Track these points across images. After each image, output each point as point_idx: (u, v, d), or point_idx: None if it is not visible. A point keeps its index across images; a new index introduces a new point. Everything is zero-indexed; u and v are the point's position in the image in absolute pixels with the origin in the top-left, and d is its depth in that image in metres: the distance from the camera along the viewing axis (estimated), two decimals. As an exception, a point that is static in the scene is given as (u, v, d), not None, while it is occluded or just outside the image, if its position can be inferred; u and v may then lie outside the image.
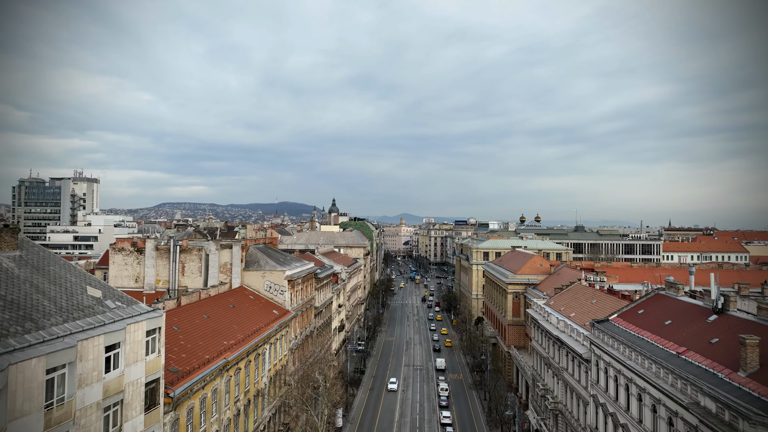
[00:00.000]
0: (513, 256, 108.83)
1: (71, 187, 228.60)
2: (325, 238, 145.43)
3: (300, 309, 67.72)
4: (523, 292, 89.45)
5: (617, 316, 45.86)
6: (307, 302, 71.82)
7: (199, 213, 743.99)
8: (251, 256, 64.55)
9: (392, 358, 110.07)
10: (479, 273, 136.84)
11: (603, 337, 43.94)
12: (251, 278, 62.42)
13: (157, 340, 30.72)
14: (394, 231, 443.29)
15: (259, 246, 68.17)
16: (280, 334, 57.66)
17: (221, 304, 52.33)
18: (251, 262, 63.46)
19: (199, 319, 45.83)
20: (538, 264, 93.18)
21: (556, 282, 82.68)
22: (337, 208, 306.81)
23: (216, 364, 39.04)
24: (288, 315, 60.68)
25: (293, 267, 66.43)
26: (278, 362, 57.10)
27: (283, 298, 61.99)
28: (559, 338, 55.07)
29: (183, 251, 62.65)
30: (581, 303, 61.02)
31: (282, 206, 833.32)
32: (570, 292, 67.82)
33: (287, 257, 71.41)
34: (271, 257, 65.49)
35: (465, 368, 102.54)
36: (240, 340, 45.57)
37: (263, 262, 63.43)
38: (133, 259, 62.80)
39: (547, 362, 61.78)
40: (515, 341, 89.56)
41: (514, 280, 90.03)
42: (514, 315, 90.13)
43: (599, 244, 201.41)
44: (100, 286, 29.97)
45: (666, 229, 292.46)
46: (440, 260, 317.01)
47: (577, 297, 64.19)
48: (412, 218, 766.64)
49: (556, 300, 68.03)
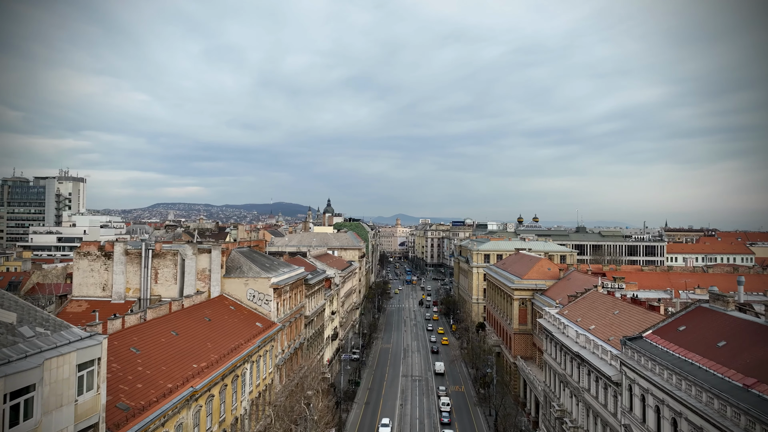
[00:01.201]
0: (517, 259, 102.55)
1: (56, 187, 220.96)
2: (319, 240, 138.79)
3: (288, 319, 61.19)
4: (531, 299, 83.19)
5: (653, 332, 39.52)
6: (296, 311, 65.28)
7: (194, 213, 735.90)
8: (233, 261, 57.95)
9: (389, 367, 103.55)
10: (480, 276, 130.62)
11: (638, 358, 37.60)
12: (232, 286, 55.82)
13: (95, 374, 24.13)
14: (389, 232, 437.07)
15: (242, 250, 61.58)
16: (264, 350, 51.10)
17: (195, 317, 45.73)
18: (233, 268, 56.87)
19: (166, 336, 39.22)
20: (545, 268, 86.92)
21: (566, 288, 76.48)
22: (332, 209, 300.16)
23: (181, 395, 32.44)
24: (273, 327, 54.11)
25: (280, 273, 59.86)
26: (262, 382, 50.52)
27: (268, 309, 55.41)
28: (580, 355, 48.71)
29: (156, 256, 55.99)
30: (601, 314, 54.72)
31: (277, 207, 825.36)
32: (586, 301, 61.52)
33: (274, 262, 64.84)
34: (255, 262, 58.90)
35: (467, 379, 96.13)
36: (214, 362, 38.99)
37: (246, 268, 56.84)
38: (100, 264, 56.06)
39: (563, 380, 55.41)
40: (522, 351, 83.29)
41: (520, 286, 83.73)
42: (521, 323, 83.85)
43: (602, 245, 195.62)
44: (18, 307, 23.37)
45: (665, 230, 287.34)
46: (437, 262, 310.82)
47: (596, 306, 57.90)
48: (407, 219, 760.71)
49: (571, 309, 61.72)
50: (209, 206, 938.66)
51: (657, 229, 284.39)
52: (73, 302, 54.43)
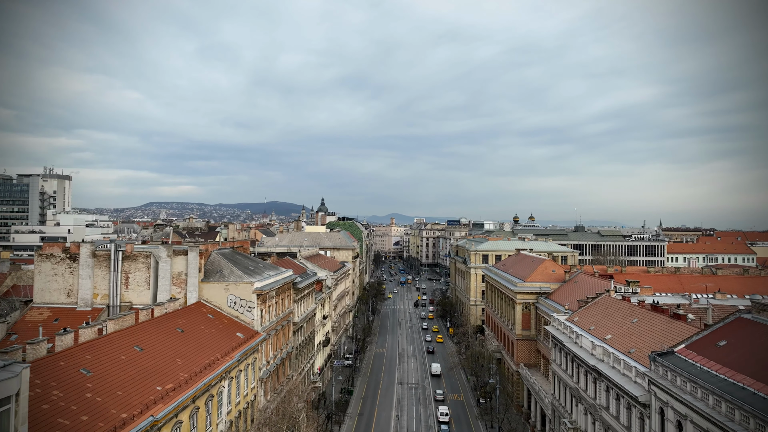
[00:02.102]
0: (518, 260, 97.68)
1: (40, 185, 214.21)
2: (310, 240, 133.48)
3: (274, 327, 55.99)
4: (534, 302, 78.32)
5: (686, 347, 34.63)
6: (283, 318, 60.07)
7: (187, 212, 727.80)
8: (213, 264, 52.69)
9: (384, 374, 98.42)
10: (478, 277, 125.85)
11: (672, 377, 32.70)
12: (212, 292, 50.55)
13: (10, 415, 18.93)
14: (384, 231, 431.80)
15: (224, 251, 56.29)
16: (245, 364, 45.91)
17: (166, 328, 40.44)
18: (212, 272, 51.60)
19: (127, 353, 33.95)
20: (549, 270, 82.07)
21: (573, 292, 71.67)
22: (326, 208, 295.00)
23: (137, 427, 27.24)
24: (257, 338, 48.91)
25: (265, 277, 54.61)
26: (243, 399, 45.32)
27: (250, 316, 50.18)
28: (597, 369, 43.77)
29: (127, 258, 50.66)
30: (617, 322, 49.85)
31: (271, 206, 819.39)
32: (598, 307, 56.66)
33: (259, 265, 59.58)
34: (238, 265, 53.65)
35: (466, 387, 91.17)
36: (183, 382, 33.77)
37: (227, 271, 51.58)
38: (64, 267, 50.67)
39: (575, 394, 50.49)
40: (525, 358, 78.42)
41: (523, 289, 78.83)
42: (524, 328, 78.96)
43: (601, 245, 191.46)
44: None
45: (662, 230, 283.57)
46: (432, 261, 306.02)
47: (610, 313, 53.03)
48: (401, 218, 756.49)
49: (582, 316, 56.85)
50: (203, 205, 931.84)
51: (654, 228, 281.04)
52: (34, 310, 49.06)
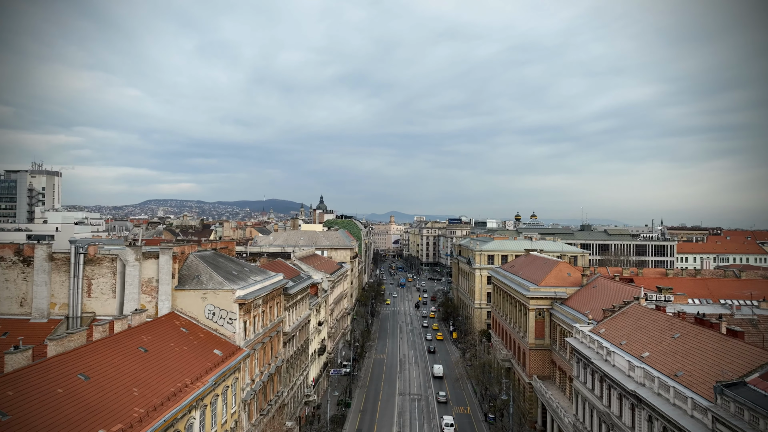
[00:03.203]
0: (529, 261, 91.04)
1: (29, 181, 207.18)
2: (306, 239, 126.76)
3: (260, 340, 49.37)
4: (549, 309, 71.76)
5: (760, 376, 28.05)
6: (272, 328, 53.45)
7: (186, 210, 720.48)
8: (190, 268, 46.02)
9: (384, 383, 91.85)
10: (483, 279, 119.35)
11: (751, 418, 26.10)
12: (187, 301, 43.87)
13: None
14: (383, 229, 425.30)
15: (203, 254, 49.62)
16: (224, 386, 39.27)
17: (125, 348, 33.75)
18: (188, 278, 44.92)
19: (68, 384, 27.25)
20: (564, 273, 75.47)
21: (593, 298, 65.16)
22: (325, 206, 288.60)
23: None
24: (238, 354, 42.29)
25: (250, 283, 47.95)
26: (220, 428, 38.68)
27: (232, 329, 43.53)
28: (637, 395, 37.15)
29: (90, 262, 44.00)
30: (653, 337, 43.26)
31: (270, 204, 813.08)
32: (628, 318, 50.08)
33: (245, 269, 52.88)
34: (219, 270, 46.98)
35: (473, 399, 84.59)
36: (136, 421, 27.11)
37: (206, 277, 44.92)
38: (17, 273, 43.97)
39: (606, 420, 43.88)
40: (538, 369, 71.89)
41: (537, 294, 72.25)
42: (537, 337, 72.41)
43: (608, 244, 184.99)
44: None
45: (667, 229, 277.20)
46: (433, 260, 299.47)
47: (643, 326, 46.44)
48: (401, 216, 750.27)
49: (609, 327, 50.27)
50: (201, 203, 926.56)
51: (658, 227, 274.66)
52: (-19, 322, 42.31)
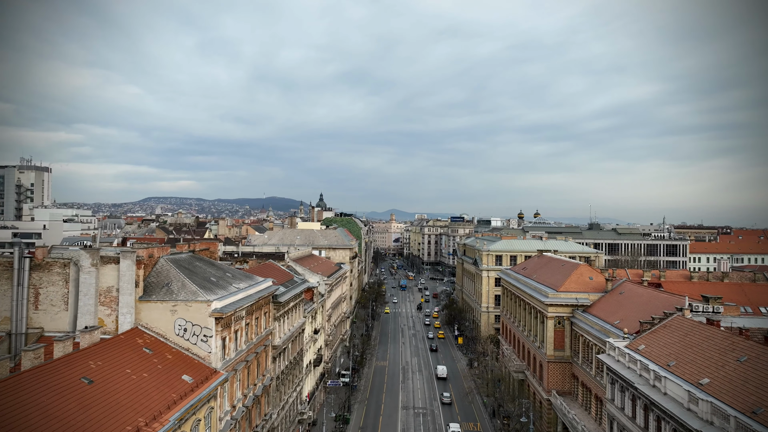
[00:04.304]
0: (543, 263, 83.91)
1: (17, 177, 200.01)
2: (303, 238, 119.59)
3: (244, 358, 42.29)
4: (570, 317, 64.70)
5: None
6: (258, 343, 46.38)
7: (185, 208, 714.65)
8: (160, 274, 38.90)
9: (385, 395, 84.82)
10: (491, 281, 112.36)
11: None
12: (154, 314, 36.76)
13: None
14: (383, 227, 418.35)
15: (178, 257, 42.49)
16: (194, 420, 32.20)
17: (62, 380, 26.61)
18: (156, 287, 37.81)
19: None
20: (586, 277, 68.37)
21: (621, 305, 58.10)
22: (324, 203, 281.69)
23: None
24: (214, 379, 35.22)
25: (231, 292, 40.83)
26: (189, 472, 31.62)
27: (206, 348, 36.43)
28: (703, 435, 30.04)
29: (37, 268, 36.92)
30: (711, 359, 36.16)
31: (269, 201, 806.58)
32: (672, 333, 43.00)
33: (227, 273, 45.74)
34: (194, 276, 39.88)
35: (483, 413, 77.54)
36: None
37: (177, 285, 37.80)
38: (-50, 280, 36.86)
39: (653, 457, 36.78)
40: (558, 384, 64.87)
41: (556, 300, 65.17)
42: (557, 348, 65.35)
43: (618, 244, 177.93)
44: None
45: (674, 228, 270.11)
46: (434, 260, 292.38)
47: (694, 343, 39.36)
48: (401, 214, 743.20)
49: (649, 343, 43.22)
50: (201, 200, 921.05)
51: (665, 226, 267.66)
52: None
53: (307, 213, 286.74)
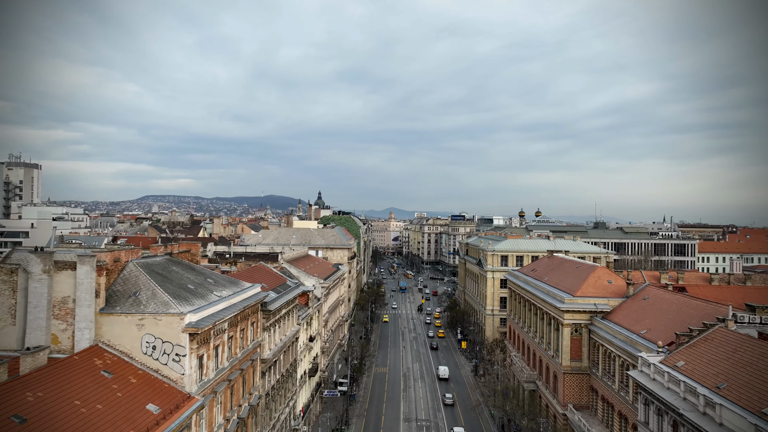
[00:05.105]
0: (554, 265, 78.57)
1: (5, 174, 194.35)
2: (299, 237, 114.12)
3: (226, 377, 36.85)
4: (588, 324, 59.38)
5: None
6: (244, 357, 40.94)
7: (184, 206, 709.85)
8: (128, 282, 33.46)
9: (386, 404, 79.44)
10: (496, 282, 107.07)
11: None
12: (117, 329, 31.34)
13: None
14: (382, 226, 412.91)
15: (152, 261, 37.01)
16: (160, 459, 26.77)
17: (-14, 419, 21.20)
18: (122, 297, 32.37)
19: None
20: (604, 280, 63.03)
21: (646, 312, 52.79)
22: (323, 201, 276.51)
23: None
24: (187, 406, 29.81)
25: (211, 301, 35.39)
26: None
27: (180, 369, 31.03)
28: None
29: (-20, 275, 31.38)
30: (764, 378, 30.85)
31: (268, 200, 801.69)
32: (715, 347, 37.66)
33: (208, 279, 40.25)
34: (169, 283, 34.44)
35: (491, 427, 72.21)
36: None
37: (146, 295, 32.36)
38: None
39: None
40: (575, 397, 59.59)
41: (573, 306, 59.82)
42: (573, 358, 60.06)
43: (625, 243, 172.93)
44: None
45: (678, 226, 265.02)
46: (435, 259, 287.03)
47: (745, 361, 34.01)
48: (400, 213, 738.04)
49: (690, 359, 37.89)
50: (200, 199, 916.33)
51: (667, 225, 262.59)
52: None
53: (305, 211, 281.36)
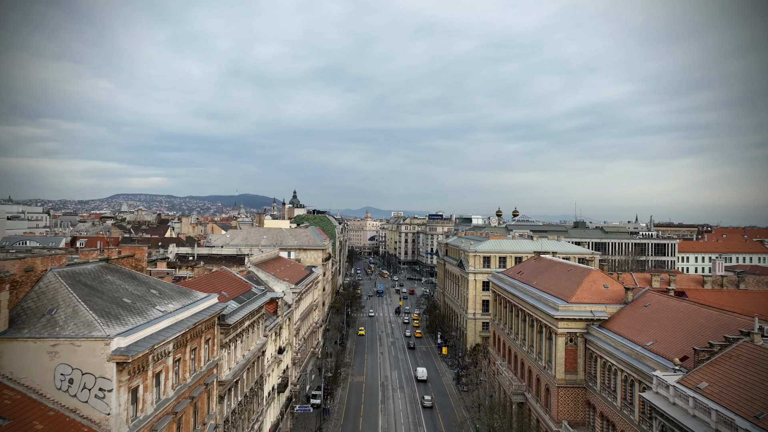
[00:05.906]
0: (543, 267, 73.68)
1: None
2: (270, 238, 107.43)
3: (170, 410, 30.49)
4: (584, 333, 54.45)
5: None
6: (196, 383, 34.60)
7: (155, 205, 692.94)
8: (44, 297, 26.91)
9: (362, 420, 73.62)
10: (478, 285, 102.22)
11: None
12: (23, 358, 24.81)
13: None
14: (358, 225, 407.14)
15: (81, 269, 30.44)
16: None
17: None
18: (35, 316, 25.83)
19: None
20: (600, 285, 58.19)
21: (649, 321, 48.04)
22: (298, 200, 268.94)
23: None
24: (112, 456, 23.45)
25: (149, 320, 29.01)
26: None
27: (104, 407, 24.64)
28: None
29: None
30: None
31: (242, 198, 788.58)
32: (743, 365, 32.82)
33: (151, 290, 33.78)
34: (97, 298, 27.97)
35: (476, 442, 67.04)
36: None
37: (66, 313, 25.87)
38: None
39: None
40: (569, 413, 54.61)
41: (567, 314, 54.80)
42: (568, 370, 55.06)
43: (605, 243, 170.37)
44: None
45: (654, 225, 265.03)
46: (412, 259, 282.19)
47: None
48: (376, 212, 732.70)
49: (714, 379, 32.98)
50: (172, 197, 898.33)
51: (643, 224, 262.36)
52: None
53: (279, 210, 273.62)
